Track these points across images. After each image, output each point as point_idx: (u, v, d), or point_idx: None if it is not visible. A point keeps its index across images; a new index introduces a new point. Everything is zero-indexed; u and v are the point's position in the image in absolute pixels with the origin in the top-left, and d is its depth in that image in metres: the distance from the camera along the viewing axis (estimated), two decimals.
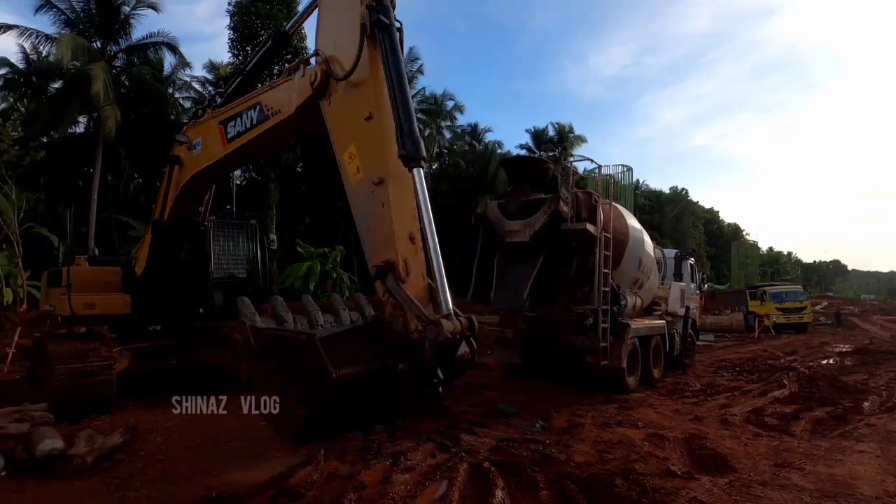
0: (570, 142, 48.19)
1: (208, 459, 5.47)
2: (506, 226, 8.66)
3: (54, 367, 6.94)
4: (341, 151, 4.97)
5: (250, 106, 6.23)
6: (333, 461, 5.39)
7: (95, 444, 5.15)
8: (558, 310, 9.24)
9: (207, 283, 9.31)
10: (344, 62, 4.84)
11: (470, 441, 6.01)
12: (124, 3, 27.69)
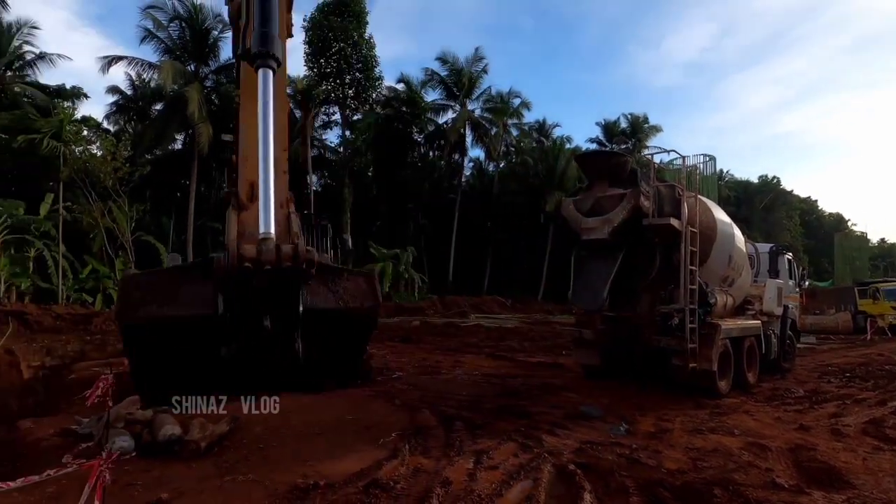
0: (643, 133, 45.96)
1: (303, 449, 5.83)
2: (582, 223, 8.44)
3: None
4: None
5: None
6: (418, 456, 5.55)
7: (207, 432, 5.68)
8: (640, 309, 8.86)
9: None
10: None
11: (552, 442, 5.94)
12: (213, 28, 30.23)
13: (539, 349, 14.64)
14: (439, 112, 39.25)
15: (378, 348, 14.67)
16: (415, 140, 36.95)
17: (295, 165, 31.98)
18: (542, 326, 21.78)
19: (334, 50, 30.24)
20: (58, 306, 20.88)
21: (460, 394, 8.55)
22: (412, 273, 32.52)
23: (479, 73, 38.20)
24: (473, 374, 10.53)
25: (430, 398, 8.27)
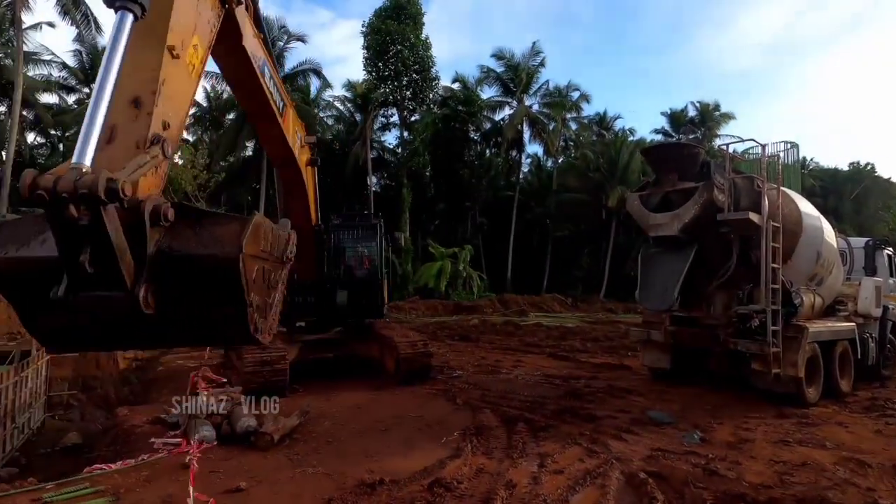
0: (713, 121, 43.20)
1: (368, 444, 6.00)
2: (650, 219, 8.04)
3: (244, 355, 8.21)
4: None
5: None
6: (480, 456, 5.54)
7: (279, 424, 5.98)
8: (715, 310, 8.33)
9: (325, 283, 9.68)
10: None
11: (620, 448, 5.72)
12: (278, 38, 31.76)
13: (602, 349, 14.16)
14: (496, 109, 38.98)
15: (438, 347, 14.81)
16: (471, 138, 36.93)
17: (355, 167, 32.98)
18: (605, 326, 21.05)
19: (392, 53, 30.84)
20: None
21: (521, 394, 8.45)
22: (470, 271, 32.56)
23: (536, 67, 37.54)
24: (534, 375, 10.37)
25: (491, 398, 8.24)
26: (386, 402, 8.03)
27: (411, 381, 9.25)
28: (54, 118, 30.96)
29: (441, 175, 36.41)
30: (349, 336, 10.04)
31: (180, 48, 3.21)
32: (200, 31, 3.65)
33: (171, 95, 3.10)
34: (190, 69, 3.43)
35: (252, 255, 2.64)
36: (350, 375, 10.07)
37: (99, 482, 4.63)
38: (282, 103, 6.56)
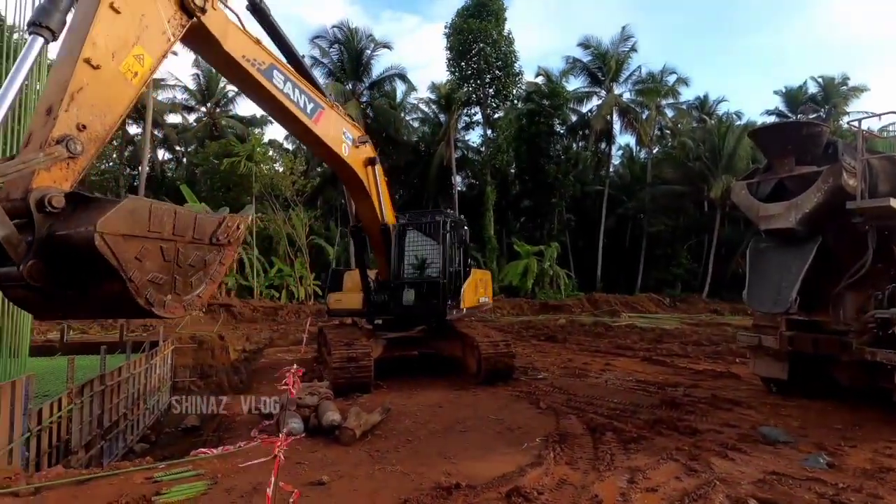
0: (840, 97, 37.87)
1: (447, 445, 5.93)
2: (760, 209, 7.12)
3: (332, 351, 8.59)
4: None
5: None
6: (563, 466, 5.23)
7: (361, 420, 6.13)
8: (844, 313, 7.16)
9: (393, 282, 9.65)
10: None
11: (725, 468, 5.09)
12: (366, 47, 33.18)
13: (705, 355, 12.92)
14: (582, 101, 37.44)
15: (522, 347, 14.48)
16: (557, 132, 35.76)
17: (440, 168, 33.46)
18: (708, 328, 19.26)
19: (474, 51, 30.82)
20: (254, 300, 25.01)
21: (611, 401, 7.91)
22: (557, 269, 31.58)
23: (627, 53, 35.46)
24: (626, 380, 9.69)
25: (577, 403, 7.81)
26: (466, 403, 7.94)
27: (493, 382, 9.09)
28: (178, 136, 35.05)
29: (526, 171, 35.71)
30: (432, 334, 10.10)
31: (106, 59, 3.60)
32: (146, 41, 4.05)
33: (93, 101, 3.48)
34: (129, 76, 3.84)
35: (124, 234, 2.87)
36: (432, 373, 10.14)
37: (200, 466, 5.04)
38: (311, 105, 6.75)
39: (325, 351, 10.45)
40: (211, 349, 16.18)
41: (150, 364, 10.82)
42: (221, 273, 3.57)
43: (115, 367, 8.64)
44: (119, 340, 11.98)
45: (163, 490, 4.40)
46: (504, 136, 32.51)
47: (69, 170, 3.25)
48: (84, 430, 7.41)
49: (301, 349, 14.92)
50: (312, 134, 7.07)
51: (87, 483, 4.60)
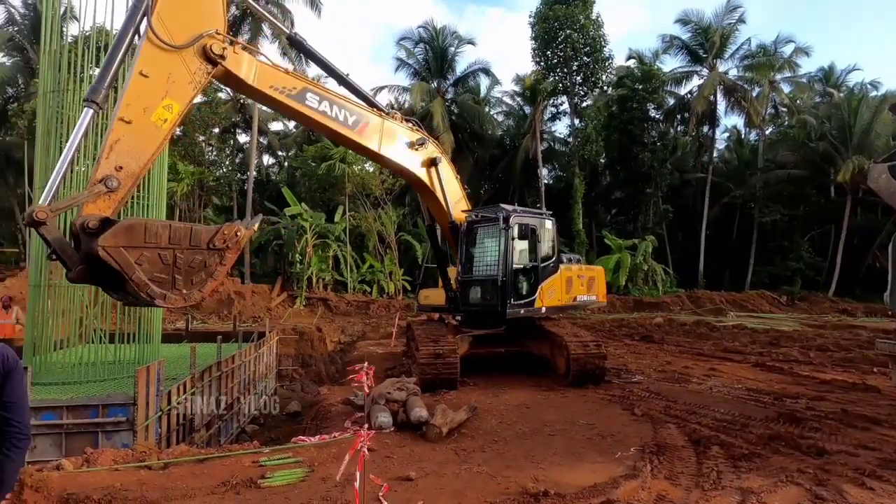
0: None
1: (534, 448, 5.78)
2: None
3: (419, 347, 8.77)
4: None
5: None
6: (662, 480, 4.85)
7: (448, 418, 6.18)
8: None
9: (460, 279, 9.60)
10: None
11: (861, 498, 4.41)
12: (450, 45, 33.44)
13: (832, 362, 11.36)
14: (681, 82, 34.56)
15: (614, 347, 13.78)
16: (652, 118, 33.40)
17: (525, 161, 32.84)
18: (835, 331, 16.93)
19: (560, 39, 29.73)
20: (348, 294, 26.43)
21: (716, 410, 7.22)
22: (653, 264, 29.59)
23: (733, 25, 32.09)
24: (734, 388, 8.81)
25: (677, 411, 7.23)
26: (554, 405, 7.70)
27: (582, 384, 8.73)
28: (280, 142, 37.93)
29: (617, 161, 33.87)
30: (519, 332, 9.94)
31: (138, 115, 4.89)
32: (174, 93, 5.17)
33: (127, 148, 4.77)
34: (159, 123, 5.03)
35: (125, 245, 4.03)
36: (519, 372, 9.98)
37: (299, 453, 5.39)
38: (353, 118, 7.30)
39: (412, 346, 10.71)
40: (310, 340, 17.40)
41: (259, 353, 11.86)
42: (222, 272, 4.56)
43: (230, 355, 9.58)
44: (233, 330, 13.25)
45: (267, 474, 4.76)
46: (593, 124, 31.05)
47: (111, 200, 4.56)
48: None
49: (391, 343, 15.47)
50: (357, 143, 7.63)
51: (205, 462, 5.12)
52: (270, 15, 29.90)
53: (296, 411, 10.81)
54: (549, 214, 10.11)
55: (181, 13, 5.31)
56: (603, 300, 11.14)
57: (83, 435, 6.29)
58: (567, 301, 9.95)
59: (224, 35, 5.63)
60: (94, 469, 4.74)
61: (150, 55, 5.04)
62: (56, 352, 8.59)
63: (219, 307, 21.46)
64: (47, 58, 8.97)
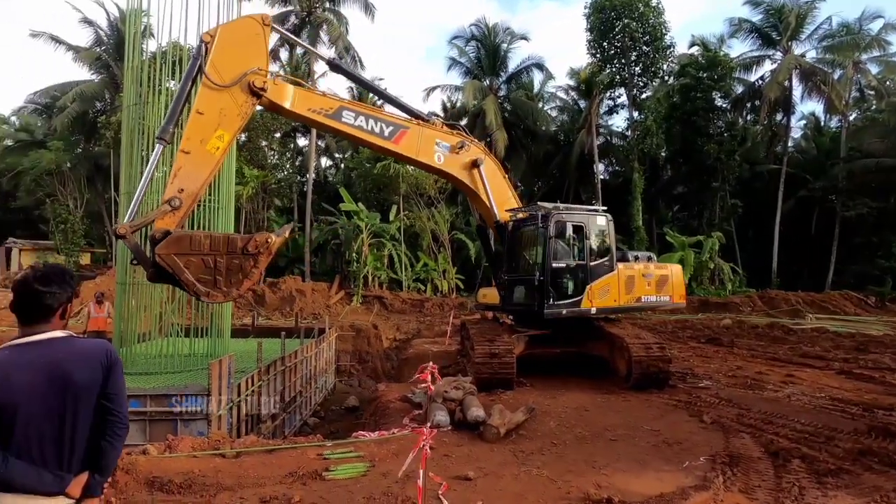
0: None
1: (596, 453, 5.61)
2: None
3: (475, 346, 8.75)
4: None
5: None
6: (736, 494, 4.56)
7: (505, 419, 6.12)
8: None
9: (499, 280, 9.55)
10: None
11: None
12: (503, 41, 33.13)
13: None
14: (750, 68, 32.27)
15: (678, 349, 13.15)
16: (718, 107, 31.44)
17: (581, 157, 31.97)
18: None
19: (618, 29, 28.65)
20: (402, 293, 26.87)
21: (797, 421, 6.69)
22: (720, 262, 27.89)
23: (810, 4, 29.60)
24: (816, 397, 8.12)
25: (751, 420, 6.78)
26: (616, 408, 7.44)
27: (645, 388, 8.37)
28: (337, 144, 39.12)
29: (679, 154, 32.25)
30: (575, 333, 9.69)
31: (195, 146, 6.01)
32: (225, 125, 6.21)
33: (187, 173, 5.89)
34: (213, 150, 6.10)
35: (175, 253, 5.21)
36: (577, 373, 9.72)
37: (361, 448, 5.52)
38: (389, 129, 7.83)
39: (467, 345, 10.71)
40: (367, 337, 17.86)
41: (319, 349, 12.31)
42: (256, 273, 5.56)
43: (293, 351, 10.00)
44: (295, 327, 13.84)
45: (331, 467, 4.92)
46: (653, 117, 29.70)
47: (175, 216, 5.68)
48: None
49: (445, 341, 15.56)
50: (395, 153, 8.28)
51: (273, 453, 5.36)
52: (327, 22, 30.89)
53: (354, 406, 11.13)
54: (602, 211, 9.72)
55: (230, 57, 6.35)
56: (679, 301, 10.12)
57: (164, 422, 6.79)
58: (627, 302, 9.36)
59: (266, 70, 6.62)
60: (175, 455, 5.08)
61: (205, 96, 6.17)
62: (139, 344, 9.33)
63: (281, 304, 22.47)
64: (130, 73, 9.75)
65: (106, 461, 2.06)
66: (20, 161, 33.41)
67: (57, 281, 2.02)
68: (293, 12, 29.50)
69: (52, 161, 30.78)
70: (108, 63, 30.24)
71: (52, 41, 30.23)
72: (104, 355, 2.05)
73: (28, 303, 1.98)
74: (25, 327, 2.00)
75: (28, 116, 40.93)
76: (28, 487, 1.89)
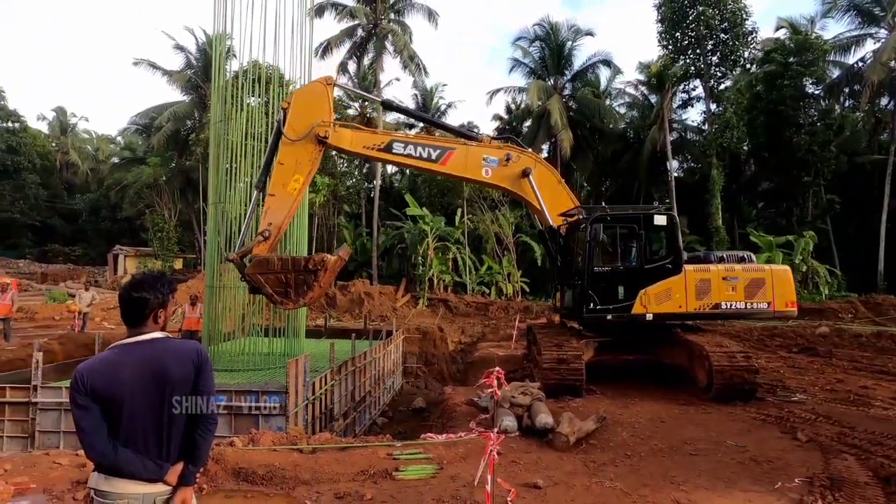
0: None
1: (674, 467, 5.30)
2: None
3: (542, 352, 8.57)
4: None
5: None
6: None
7: (575, 427, 5.94)
8: None
9: (557, 283, 9.55)
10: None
11: None
12: (567, 39, 32.39)
13: None
14: (848, 49, 29.13)
15: (766, 359, 12.14)
16: (810, 94, 28.70)
17: (652, 154, 30.46)
18: None
19: (692, 17, 27.04)
20: (467, 296, 26.95)
21: None
22: (814, 264, 25.38)
23: None
24: None
25: (855, 440, 6.10)
26: (695, 421, 6.98)
27: (728, 400, 7.79)
28: None
29: (764, 147, 29.79)
30: (646, 340, 9.22)
31: (279, 189, 7.74)
32: (300, 170, 7.84)
33: (274, 211, 7.62)
34: (291, 191, 7.75)
35: (258, 272, 6.90)
36: (651, 382, 9.25)
37: (429, 450, 5.59)
38: (437, 152, 8.59)
39: (534, 350, 10.53)
40: (433, 340, 18.07)
41: (387, 350, 12.64)
42: (318, 286, 6.93)
43: (362, 351, 10.34)
44: (364, 328, 14.30)
45: (400, 468, 5.02)
46: (733, 108, 27.70)
47: (266, 244, 7.38)
48: (342, 402, 9.05)
49: (511, 345, 15.40)
50: (444, 173, 9.31)
51: (345, 450, 5.57)
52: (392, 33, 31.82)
53: (421, 407, 11.29)
54: (663, 209, 9.18)
55: (301, 117, 7.97)
56: (785, 309, 8.75)
57: (247, 417, 7.26)
58: (699, 308, 8.58)
59: (329, 121, 8.06)
60: (257, 448, 5.42)
61: (284, 150, 7.87)
62: (225, 342, 10.06)
63: (351, 306, 23.33)
64: (216, 92, 10.58)
65: (198, 452, 2.24)
66: (125, 176, 37.36)
67: (148, 288, 2.21)
68: (360, 25, 30.66)
69: (150, 175, 34.15)
70: (197, 84, 33.02)
71: (150, 67, 33.54)
72: (195, 354, 2.24)
73: (126, 308, 2.20)
74: (129, 329, 2.22)
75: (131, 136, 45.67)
76: (133, 474, 2.09)
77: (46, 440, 7.34)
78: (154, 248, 33.27)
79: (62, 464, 5.16)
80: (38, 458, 5.41)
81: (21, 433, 7.43)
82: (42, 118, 55.25)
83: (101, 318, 18.72)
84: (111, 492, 2.08)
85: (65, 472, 4.94)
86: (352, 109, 35.46)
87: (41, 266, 37.65)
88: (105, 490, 2.09)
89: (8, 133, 42.44)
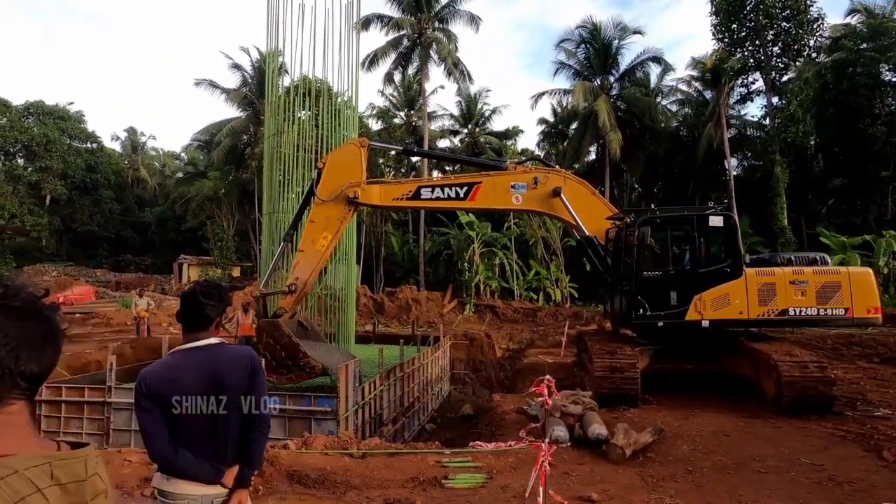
0: None
1: (741, 485, 4.95)
2: None
3: (594, 359, 8.28)
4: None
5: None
6: None
7: (631, 439, 5.67)
8: None
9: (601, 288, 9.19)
10: None
11: None
12: (613, 38, 31.56)
13: None
14: None
15: (844, 370, 11.19)
16: (886, 83, 26.46)
17: (708, 152, 29.03)
18: None
19: (749, 7, 25.64)
20: (514, 302, 26.63)
21: None
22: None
23: None
24: None
25: None
26: (763, 436, 6.51)
27: (800, 413, 7.21)
28: None
29: (834, 141, 27.72)
30: (707, 348, 8.71)
31: (308, 246, 8.16)
32: (329, 228, 8.15)
33: (301, 267, 8.06)
34: (320, 247, 8.09)
35: (268, 333, 7.74)
36: (712, 393, 8.73)
37: (478, 458, 5.51)
38: (464, 189, 8.69)
39: (585, 358, 10.21)
40: (480, 346, 17.94)
41: (435, 356, 12.66)
42: (291, 380, 7.70)
43: (410, 357, 10.40)
44: (412, 334, 14.40)
45: (450, 476, 4.98)
46: (798, 101, 25.96)
47: (292, 298, 7.95)
48: (391, 408, 9.13)
49: (560, 352, 15.03)
50: (475, 209, 10.18)
51: (395, 456, 5.59)
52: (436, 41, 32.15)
53: (469, 414, 11.21)
54: (719, 210, 8.62)
55: (335, 177, 8.32)
56: (868, 316, 8.00)
57: (300, 420, 7.46)
58: (763, 314, 7.99)
59: (360, 181, 8.34)
60: (310, 451, 5.54)
61: (316, 209, 8.28)
62: None
63: (399, 312, 23.60)
64: (270, 107, 11.05)
65: (253, 455, 2.30)
66: (188, 189, 39.75)
67: (216, 295, 2.31)
68: (405, 35, 31.20)
69: (210, 188, 36.15)
70: (252, 100, 34.70)
71: (210, 86, 35.58)
72: (249, 360, 2.31)
73: (194, 313, 2.29)
74: (188, 334, 2.30)
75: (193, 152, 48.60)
76: (192, 475, 2.17)
77: (119, 438, 7.86)
78: (215, 257, 35.11)
79: (132, 461, 5.48)
80: (112, 455, 5.77)
81: (98, 430, 7.99)
82: (115, 138, 59.82)
83: (167, 322, 19.91)
84: (172, 492, 2.17)
85: (135, 470, 5.24)
86: (398, 119, 36.14)
87: (115, 275, 40.61)
88: (167, 490, 2.18)
89: (87, 153, 46.25)
